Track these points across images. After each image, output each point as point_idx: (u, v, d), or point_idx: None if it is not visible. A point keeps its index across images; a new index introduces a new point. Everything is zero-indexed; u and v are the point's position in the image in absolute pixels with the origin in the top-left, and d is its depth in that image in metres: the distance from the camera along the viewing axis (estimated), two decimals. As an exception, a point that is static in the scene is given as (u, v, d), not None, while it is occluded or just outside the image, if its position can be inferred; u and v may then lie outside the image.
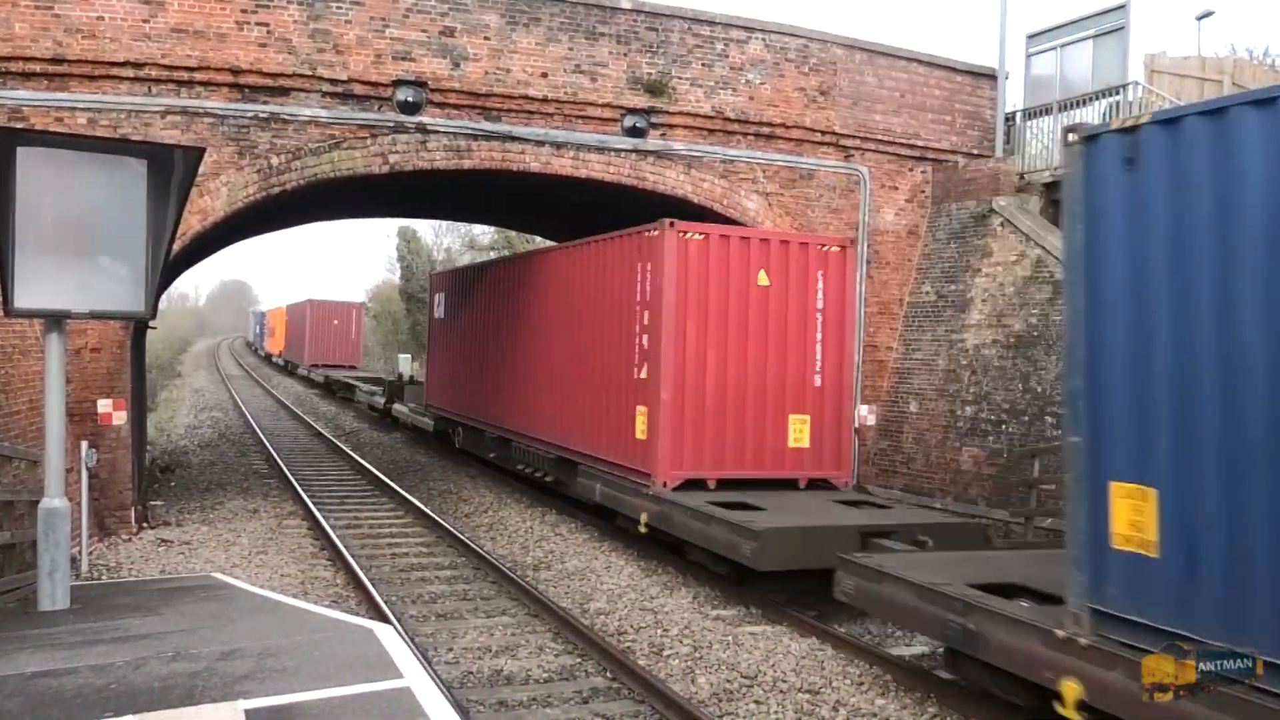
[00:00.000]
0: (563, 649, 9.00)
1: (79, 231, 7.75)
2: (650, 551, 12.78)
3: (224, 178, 13.53)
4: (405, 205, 24.85)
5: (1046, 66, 17.63)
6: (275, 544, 13.11)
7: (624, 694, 7.86)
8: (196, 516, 14.76)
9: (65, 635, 6.85)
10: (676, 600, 10.69)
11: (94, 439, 12.02)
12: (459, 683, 7.98)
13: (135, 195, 7.67)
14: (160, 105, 13.20)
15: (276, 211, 17.17)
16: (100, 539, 12.54)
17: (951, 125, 17.76)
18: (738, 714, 7.46)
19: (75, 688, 5.45)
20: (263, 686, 5.45)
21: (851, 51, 16.98)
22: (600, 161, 15.49)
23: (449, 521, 14.64)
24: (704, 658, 8.76)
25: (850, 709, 7.60)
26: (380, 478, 18.95)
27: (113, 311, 9.11)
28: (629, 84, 15.43)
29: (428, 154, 14.58)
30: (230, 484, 18.37)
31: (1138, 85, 15.69)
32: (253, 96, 13.67)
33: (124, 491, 13.31)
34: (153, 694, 5.32)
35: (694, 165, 15.98)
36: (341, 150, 14.12)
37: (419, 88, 14.30)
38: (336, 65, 13.89)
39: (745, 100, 16.14)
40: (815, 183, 16.83)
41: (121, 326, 13.05)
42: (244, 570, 11.44)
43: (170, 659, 6.01)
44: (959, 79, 17.87)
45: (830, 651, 9.05)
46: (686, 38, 15.75)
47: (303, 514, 15.31)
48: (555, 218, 21.70)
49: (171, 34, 13.10)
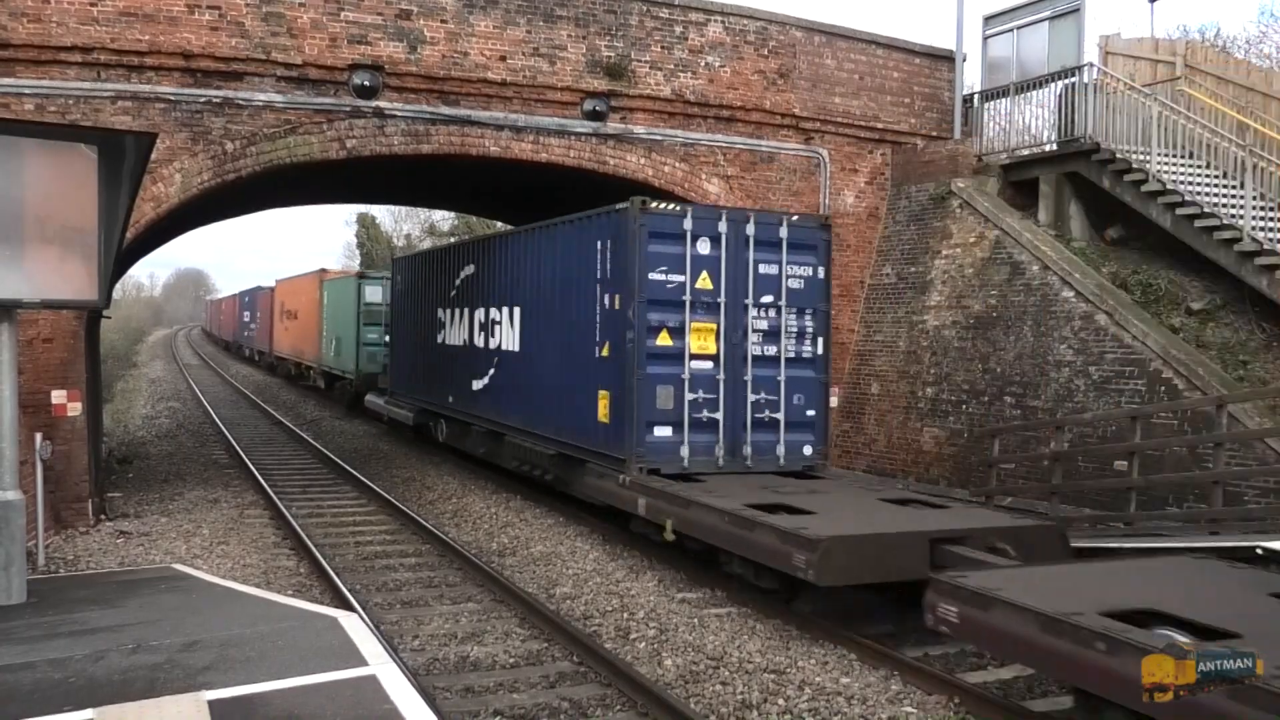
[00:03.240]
0: (529, 634, 9.00)
1: (28, 220, 7.61)
2: (616, 536, 12.80)
3: (177, 164, 13.31)
4: (363, 191, 24.62)
5: (1003, 48, 17.77)
6: (236, 534, 12.98)
7: (591, 677, 7.88)
8: (156, 508, 14.57)
9: (22, 629, 6.75)
10: (642, 584, 10.71)
11: (48, 430, 11.80)
12: (425, 670, 7.96)
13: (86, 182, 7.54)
14: (110, 90, 12.95)
15: (232, 198, 16.93)
16: (56, 532, 12.34)
17: (910, 107, 17.87)
18: (704, 695, 7.50)
19: (33, 682, 5.37)
20: (225, 677, 5.41)
21: (810, 34, 17.02)
22: (560, 145, 15.43)
23: (413, 509, 14.57)
24: (670, 640, 8.79)
25: (815, 688, 7.67)
26: (343, 466, 18.81)
27: (65, 301, 8.98)
28: (588, 67, 15.36)
29: (385, 139, 14.45)
30: (190, 474, 18.15)
31: (1092, 67, 15.86)
32: (205, 81, 13.45)
33: (80, 483, 13.10)
34: (113, 687, 5.27)
35: (655, 149, 15.96)
36: (297, 136, 13.94)
37: (376, 72, 14.15)
38: (291, 49, 13.70)
39: (705, 83, 16.13)
40: (776, 166, 16.87)
41: (74, 316, 12.82)
42: (205, 561, 11.32)
43: (131, 651, 5.95)
44: (917, 61, 17.98)
45: (795, 632, 9.12)
46: (645, 20, 15.70)
47: (264, 504, 15.17)
48: (516, 202, 21.60)
49: (121, 17, 12.84)
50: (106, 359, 30.14)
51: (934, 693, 7.59)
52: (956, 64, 18.06)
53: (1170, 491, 11.88)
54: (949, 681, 7.72)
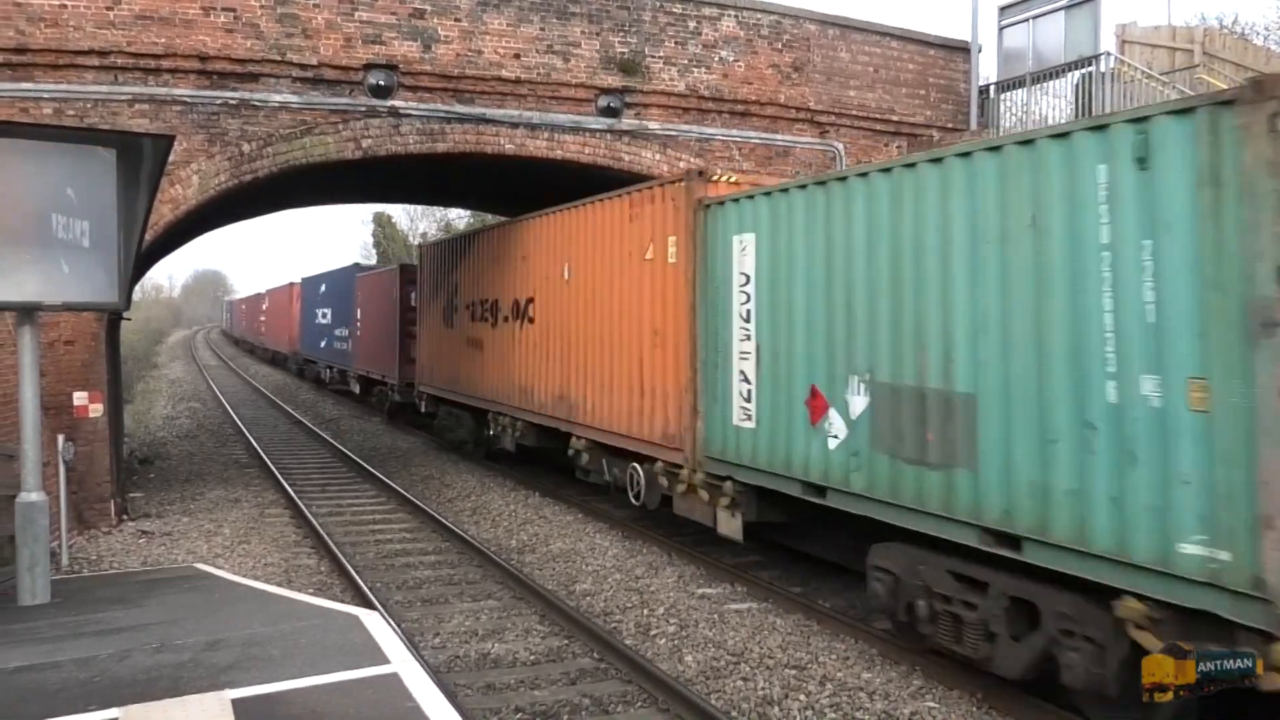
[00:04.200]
0: (549, 631, 9.01)
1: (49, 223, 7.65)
2: (634, 532, 12.81)
3: (195, 166, 13.37)
4: (379, 190, 24.62)
5: (1019, 39, 17.65)
6: (257, 533, 13.05)
7: (611, 674, 7.88)
8: (177, 507, 14.66)
9: (47, 629, 6.81)
10: (662, 580, 10.71)
11: (70, 432, 11.89)
12: (446, 667, 7.98)
13: (105, 185, 7.58)
14: (127, 94, 13.02)
15: (249, 199, 16.99)
16: (80, 532, 12.44)
17: (926, 99, 17.77)
18: (725, 691, 7.50)
19: (59, 681, 5.41)
20: (249, 676, 5.44)
21: (824, 27, 16.94)
22: (575, 142, 15.42)
23: (432, 507, 14.61)
24: (690, 636, 8.79)
25: (837, 683, 7.65)
26: (362, 464, 18.88)
27: (86, 303, 9.04)
28: (602, 64, 15.34)
29: (401, 138, 14.47)
30: (210, 474, 18.26)
31: (1109, 56, 15.74)
32: (221, 83, 13.50)
33: (102, 484, 13.20)
34: (138, 686, 5.30)
35: (669, 144, 15.93)
36: (313, 136, 13.98)
37: (390, 71, 14.17)
38: (306, 50, 13.73)
39: (719, 78, 16.09)
40: (791, 160, 16.81)
41: (95, 318, 12.90)
42: (227, 560, 11.39)
43: (155, 650, 5.98)
44: (932, 53, 17.87)
45: (816, 627, 9.10)
46: (659, 16, 15.66)
47: (284, 502, 15.25)
48: (531, 199, 21.56)
49: (136, 20, 12.90)
50: (127, 360, 30.33)
51: (955, 688, 7.56)
52: (972, 55, 17.94)
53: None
54: (971, 677, 7.69)
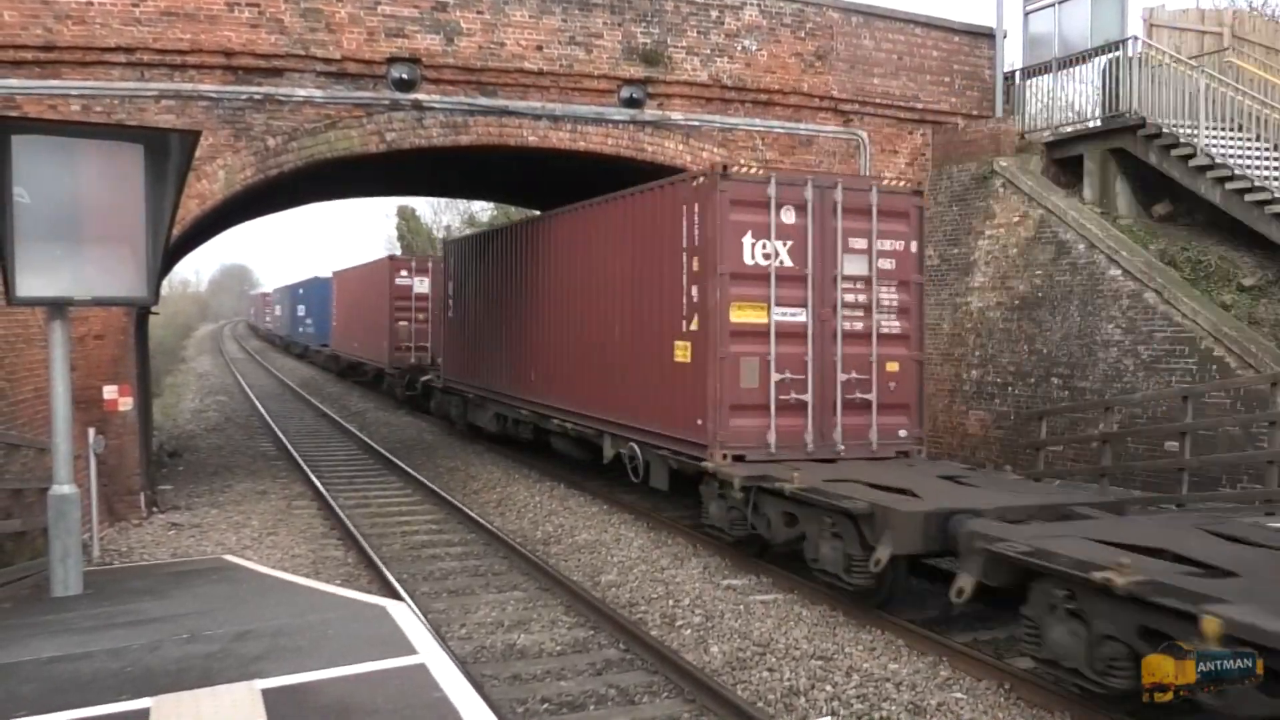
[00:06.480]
0: (575, 622, 9.03)
1: (78, 219, 7.72)
2: (660, 523, 12.82)
3: (221, 161, 13.47)
4: (403, 183, 24.71)
5: (1044, 24, 17.46)
6: (285, 525, 13.16)
7: (637, 665, 7.90)
8: (205, 500, 14.80)
9: (79, 620, 6.88)
10: (687, 571, 10.71)
11: (101, 425, 12.02)
12: (473, 658, 8.02)
13: (133, 181, 7.63)
14: (154, 90, 13.13)
15: (275, 193, 17.10)
16: (110, 524, 12.58)
17: (950, 86, 17.62)
18: (751, 681, 7.49)
19: (92, 671, 5.47)
20: (278, 666, 5.47)
21: (847, 15, 16.83)
22: (598, 134, 15.41)
23: (458, 499, 14.67)
24: (716, 627, 8.79)
25: (863, 674, 7.63)
26: (388, 457, 18.99)
27: (115, 298, 9.10)
28: (624, 54, 15.31)
29: (424, 131, 14.51)
30: (238, 466, 18.41)
31: (1136, 40, 15.55)
32: (246, 78, 13.59)
33: (132, 476, 13.35)
34: (169, 675, 5.35)
35: (692, 135, 15.89)
36: (338, 130, 14.05)
37: (413, 65, 14.21)
38: (329, 44, 13.79)
39: (742, 68, 16.02)
40: (815, 149, 16.72)
41: (124, 313, 13.04)
42: (255, 552, 11.48)
43: (185, 641, 6.03)
44: (956, 39, 17.72)
45: (841, 618, 9.07)
46: (681, 5, 15.61)
47: (311, 494, 15.36)
48: (554, 191, 21.59)
49: (162, 17, 13.00)
50: (155, 354, 30.62)
51: (984, 678, 7.52)
52: (997, 41, 17.77)
53: (1224, 472, 11.67)
54: (999, 667, 7.65)
